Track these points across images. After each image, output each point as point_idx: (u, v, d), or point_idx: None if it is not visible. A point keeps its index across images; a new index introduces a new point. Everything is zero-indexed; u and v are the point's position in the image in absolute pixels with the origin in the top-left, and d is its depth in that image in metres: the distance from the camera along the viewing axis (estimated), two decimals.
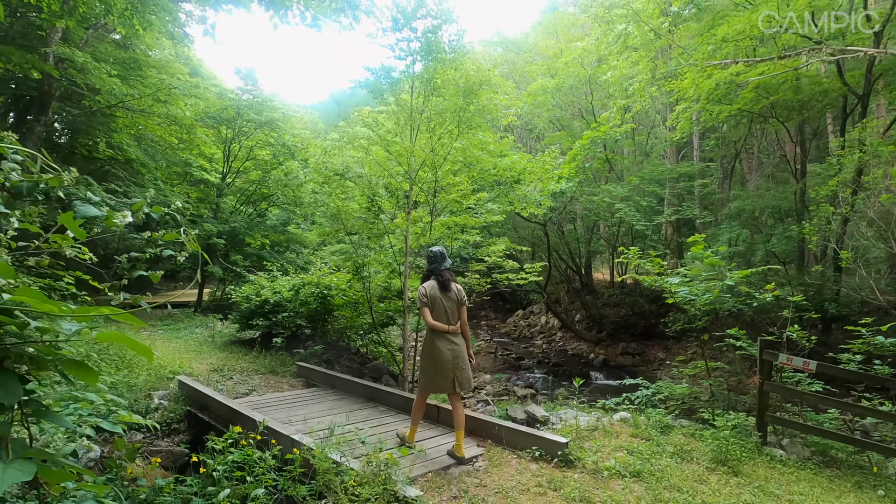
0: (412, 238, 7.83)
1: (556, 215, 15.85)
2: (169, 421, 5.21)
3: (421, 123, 7.58)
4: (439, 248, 4.42)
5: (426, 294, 4.17)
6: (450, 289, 4.23)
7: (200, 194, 18.25)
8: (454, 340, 4.19)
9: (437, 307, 4.16)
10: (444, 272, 4.26)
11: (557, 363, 16.22)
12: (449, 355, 4.12)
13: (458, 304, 4.27)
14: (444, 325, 4.16)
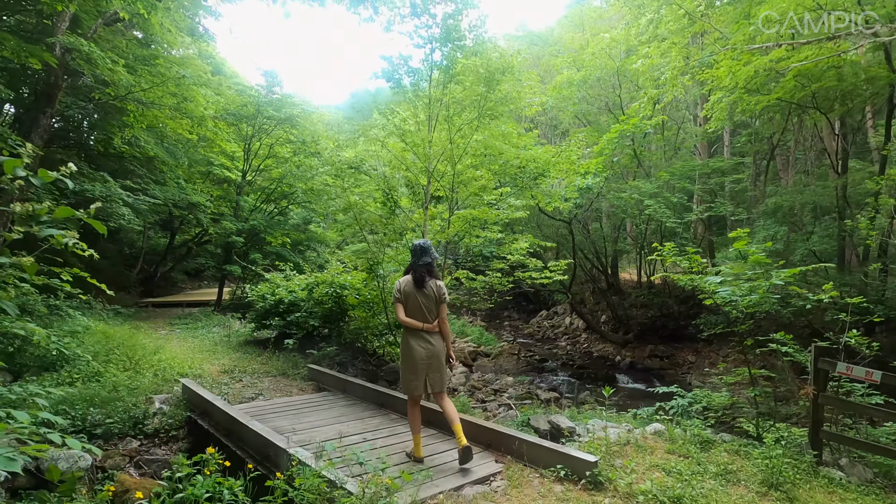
0: (430, 234, 7.45)
1: (581, 212, 15.27)
2: (168, 427, 4.94)
3: (440, 113, 7.18)
4: (421, 242, 4.18)
5: (400, 290, 4.02)
6: (424, 285, 4.00)
7: (221, 192, 18.24)
8: (430, 339, 3.99)
9: (410, 304, 3.99)
10: (421, 268, 4.03)
11: (582, 365, 15.65)
12: (423, 354, 3.95)
13: (437, 301, 4.04)
14: (417, 322, 3.97)
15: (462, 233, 6.88)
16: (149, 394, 5.67)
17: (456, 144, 7.02)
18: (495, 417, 10.64)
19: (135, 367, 7.07)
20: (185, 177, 17.78)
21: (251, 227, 15.99)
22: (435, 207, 7.52)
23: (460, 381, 13.70)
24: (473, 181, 6.68)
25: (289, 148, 16.82)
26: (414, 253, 4.14)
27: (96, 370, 6.51)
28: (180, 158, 15.56)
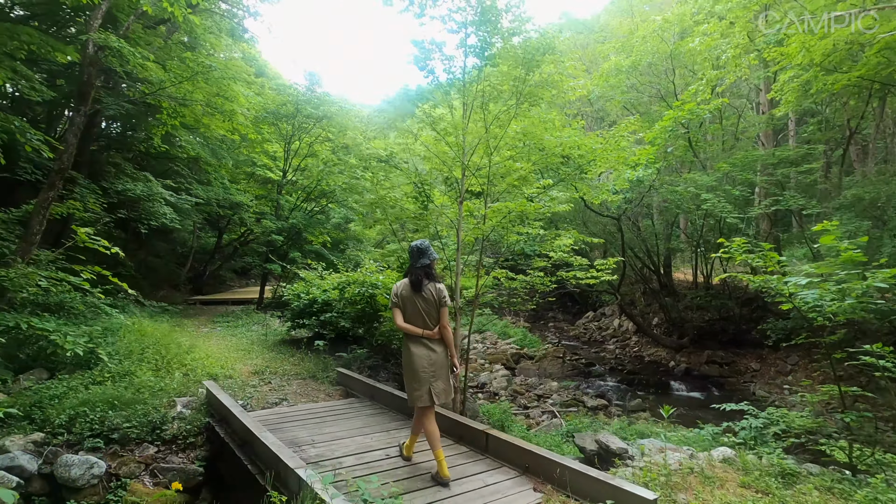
0: (466, 231, 6.96)
1: (631, 208, 14.34)
2: (186, 434, 4.67)
3: (475, 101, 6.67)
4: (419, 243, 3.88)
5: (397, 294, 3.80)
6: (422, 289, 3.75)
7: (264, 192, 18.42)
8: (431, 346, 3.77)
9: (408, 309, 3.77)
10: (418, 270, 3.77)
11: (632, 371, 14.74)
12: (425, 363, 3.73)
13: (437, 305, 3.79)
14: (417, 328, 3.74)
15: (499, 228, 6.35)
16: (173, 396, 5.46)
17: (492, 134, 6.49)
18: (538, 426, 10.03)
19: (166, 366, 6.95)
20: (230, 177, 18.06)
21: (291, 225, 16.00)
22: (472, 203, 7.01)
23: (502, 384, 13.14)
24: (511, 172, 6.13)
25: (328, 146, 16.75)
26: (411, 254, 3.87)
27: (127, 369, 6.42)
28: (224, 159, 15.75)
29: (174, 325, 11.74)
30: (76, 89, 6.95)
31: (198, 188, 14.52)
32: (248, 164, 18.10)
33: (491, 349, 17.30)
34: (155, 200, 11.13)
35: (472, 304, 7.14)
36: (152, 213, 11.03)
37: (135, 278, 17.15)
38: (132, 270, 15.49)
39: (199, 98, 7.69)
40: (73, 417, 4.56)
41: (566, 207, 6.86)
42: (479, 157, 6.88)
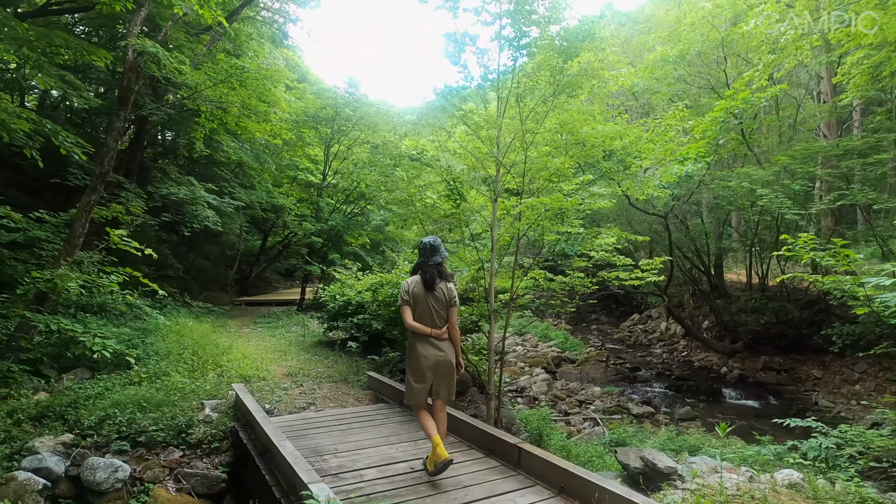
0: (501, 229, 6.66)
1: (679, 205, 13.59)
2: (211, 438, 4.60)
3: (510, 94, 6.36)
4: (431, 240, 3.87)
5: (408, 291, 3.74)
6: (435, 287, 3.72)
7: (304, 195, 18.70)
8: (439, 346, 3.73)
9: (419, 307, 3.71)
10: (431, 268, 3.74)
11: (681, 376, 13.97)
12: (431, 361, 3.69)
13: (447, 304, 3.77)
14: (426, 327, 3.68)
15: (536, 226, 6.00)
16: (203, 398, 5.43)
17: (528, 128, 6.16)
18: (579, 434, 9.57)
19: (201, 367, 7.00)
20: (273, 181, 18.39)
21: (330, 227, 16.13)
22: (508, 201, 6.69)
23: (542, 389, 12.70)
24: (548, 167, 5.78)
25: (366, 148, 16.81)
26: (423, 251, 3.84)
27: (163, 370, 6.48)
28: (266, 163, 16.03)
29: (217, 326, 11.98)
30: (117, 95, 7.10)
31: (241, 192, 14.86)
32: (292, 168, 18.43)
33: (531, 352, 16.85)
34: (198, 204, 11.39)
35: (507, 306, 6.83)
36: (195, 216, 11.29)
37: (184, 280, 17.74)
38: (180, 272, 16.01)
39: (234, 100, 7.74)
40: (103, 419, 4.57)
41: (608, 204, 6.44)
42: (515, 153, 6.56)
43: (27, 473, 3.79)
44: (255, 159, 15.67)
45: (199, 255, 20.08)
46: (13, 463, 3.89)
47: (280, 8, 16.94)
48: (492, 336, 6.42)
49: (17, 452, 4.00)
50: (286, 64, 21.99)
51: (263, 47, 16.19)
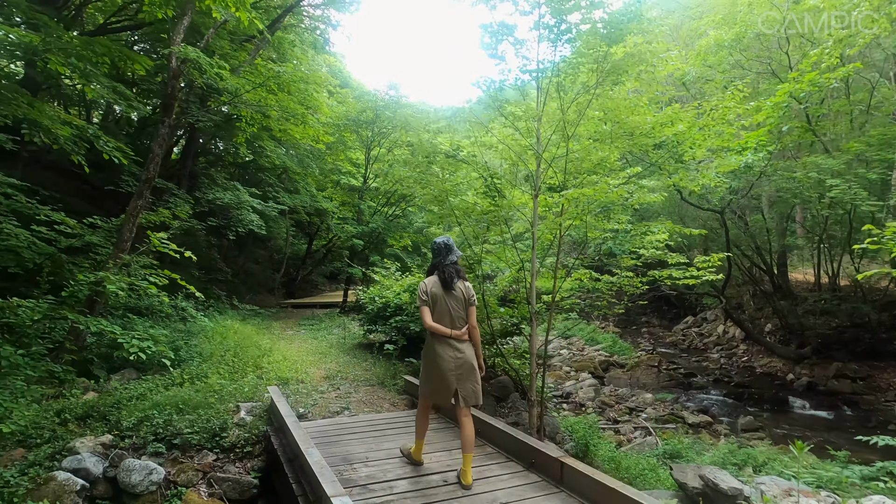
0: (543, 228, 6.33)
1: (737, 199, 12.73)
2: (244, 442, 4.53)
3: (550, 84, 6.04)
4: (445, 239, 3.82)
5: (426, 292, 3.63)
6: (453, 287, 3.65)
7: (346, 198, 18.89)
8: (459, 347, 3.63)
9: (438, 307, 3.61)
10: (449, 267, 3.67)
11: (741, 383, 13.08)
12: (451, 364, 3.58)
13: (466, 304, 3.69)
14: (446, 328, 3.59)
15: (578, 222, 5.64)
16: (240, 401, 5.40)
17: (569, 119, 5.82)
18: (629, 444, 9.05)
19: (241, 369, 7.04)
20: (317, 185, 18.66)
21: (371, 230, 16.18)
22: (549, 197, 6.36)
23: (588, 395, 12.17)
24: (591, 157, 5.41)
25: (406, 150, 16.76)
26: (438, 251, 3.77)
27: (204, 371, 6.55)
28: (309, 168, 16.27)
29: (262, 328, 12.20)
30: (161, 102, 7.26)
31: (284, 196, 15.12)
32: (335, 172, 18.66)
33: (577, 356, 16.28)
34: (243, 208, 11.64)
35: (550, 308, 6.49)
36: (240, 220, 11.53)
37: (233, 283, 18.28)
38: (229, 276, 16.50)
39: (273, 104, 7.81)
40: (141, 420, 4.59)
41: (657, 198, 5.99)
42: (556, 147, 6.22)
43: (66, 474, 3.82)
44: (298, 164, 15.93)
45: (249, 259, 20.68)
46: (54, 462, 3.94)
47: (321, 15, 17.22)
48: (533, 339, 6.10)
49: (58, 452, 4.05)
50: (329, 70, 22.40)
51: (306, 54, 16.47)
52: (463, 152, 6.07)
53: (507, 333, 6.83)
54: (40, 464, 3.92)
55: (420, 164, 6.00)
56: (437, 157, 6.01)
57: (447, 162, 5.98)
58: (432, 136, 5.99)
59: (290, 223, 18.76)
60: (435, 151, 5.94)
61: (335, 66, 24.11)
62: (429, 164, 5.92)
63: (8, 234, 6.59)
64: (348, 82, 24.94)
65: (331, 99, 20.23)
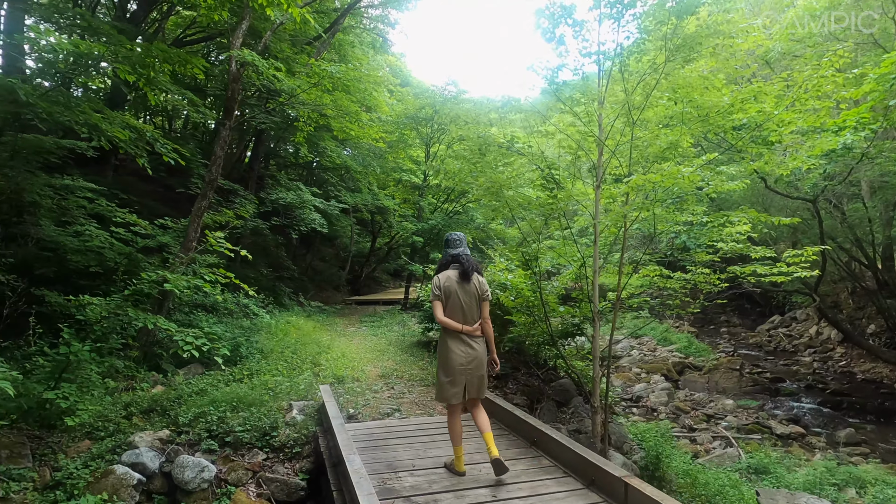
0: (606, 221, 5.87)
1: (833, 186, 11.40)
2: (293, 442, 4.48)
3: (613, 66, 5.55)
4: (457, 233, 3.89)
5: (440, 286, 3.59)
6: (471, 280, 3.62)
7: (407, 195, 18.97)
8: (471, 342, 3.62)
9: (451, 302, 3.58)
10: (465, 260, 3.64)
11: (839, 391, 11.76)
12: (463, 359, 3.58)
13: (479, 298, 3.67)
14: (458, 323, 3.57)
15: (645, 212, 5.13)
16: (293, 398, 5.40)
17: (635, 103, 5.31)
18: (707, 455, 8.31)
19: (299, 366, 7.11)
20: (379, 183, 18.87)
21: (431, 227, 16.10)
22: (614, 188, 5.89)
23: (661, 399, 11.40)
24: (657, 143, 4.89)
25: (464, 145, 16.53)
26: (452, 243, 3.78)
27: (262, 368, 6.66)
28: (370, 167, 16.43)
29: (325, 324, 12.44)
30: (223, 105, 7.47)
31: (346, 195, 15.37)
32: (396, 170, 18.79)
33: (648, 357, 15.38)
34: (305, 208, 11.91)
35: (615, 306, 6.00)
36: (302, 219, 11.80)
37: (301, 280, 18.87)
38: (295, 273, 17.06)
39: (328, 103, 7.85)
40: (198, 416, 4.66)
41: (738, 185, 5.35)
42: (620, 134, 5.73)
43: (124, 468, 3.92)
44: (359, 163, 16.14)
45: (316, 257, 21.33)
46: (115, 456, 4.07)
47: (380, 14, 17.36)
48: (596, 341, 5.66)
49: (119, 446, 4.18)
50: (390, 70, 22.65)
51: (367, 55, 16.65)
52: (518, 143, 5.72)
53: (567, 334, 6.42)
54: (102, 456, 4.05)
55: (472, 155, 5.74)
56: (490, 149, 5.72)
57: (500, 153, 5.67)
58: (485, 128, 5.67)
59: (353, 222, 19.13)
60: (487, 143, 5.64)
61: (395, 65, 24.35)
62: (481, 156, 5.64)
63: (90, 235, 7.06)
64: (408, 80, 25.09)
65: (391, 98, 20.42)
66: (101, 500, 3.60)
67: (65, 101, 4.51)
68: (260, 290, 13.40)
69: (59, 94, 4.54)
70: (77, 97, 5.02)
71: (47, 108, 4.29)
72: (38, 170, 6.66)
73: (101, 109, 5.27)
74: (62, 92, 4.82)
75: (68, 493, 3.64)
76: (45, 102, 4.28)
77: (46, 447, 4.12)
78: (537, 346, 7.12)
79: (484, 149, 5.66)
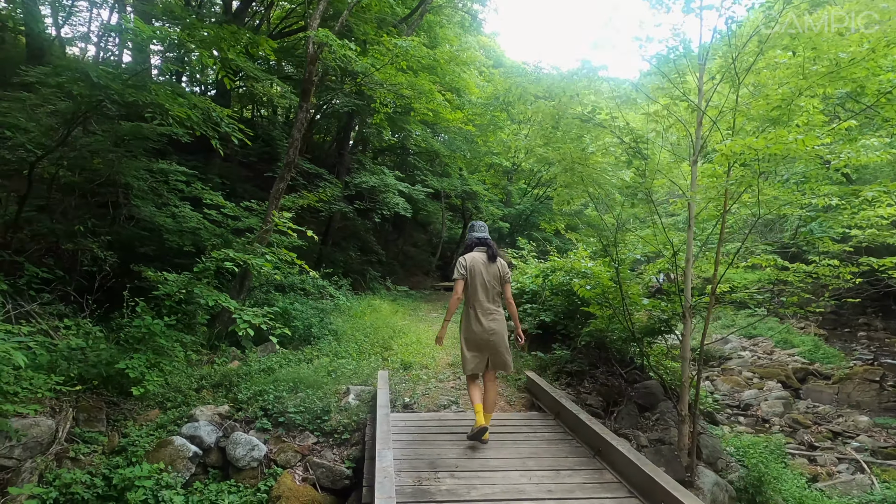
0: (706, 201, 5.05)
1: None
2: (343, 428, 4.35)
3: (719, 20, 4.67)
4: (482, 222, 4.31)
5: (465, 266, 3.88)
6: (496, 262, 3.96)
7: (496, 180, 18.48)
8: (491, 318, 3.87)
9: (476, 281, 3.87)
10: (489, 243, 4.03)
11: None
12: (483, 334, 3.86)
13: (501, 280, 3.97)
14: (452, 313, 3.99)
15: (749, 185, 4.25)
16: (353, 383, 5.31)
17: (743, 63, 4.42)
18: (830, 479, 7.05)
19: (369, 350, 7.07)
20: (468, 168, 18.58)
21: (518, 212, 15.52)
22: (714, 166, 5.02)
23: (775, 409, 9.98)
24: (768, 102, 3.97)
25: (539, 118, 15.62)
26: (476, 229, 4.17)
27: (332, 350, 6.70)
28: (459, 150, 16.15)
29: (409, 309, 12.48)
30: (300, 87, 7.57)
31: (433, 179, 15.26)
32: (488, 154, 18.38)
33: (763, 360, 13.60)
34: (389, 192, 11.95)
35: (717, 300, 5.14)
36: (385, 203, 11.86)
37: (391, 265, 19.26)
38: (384, 258, 17.41)
39: (403, 82, 7.65)
40: (256, 394, 4.71)
41: (880, 157, 4.25)
42: (724, 97, 4.85)
43: (182, 440, 4.03)
44: (447, 147, 15.92)
45: (408, 242, 21.68)
46: (177, 427, 4.21)
47: None
48: (686, 339, 4.88)
49: (182, 417, 4.33)
50: (483, 51, 22.19)
51: (457, 37, 16.34)
52: (600, 115, 5.06)
53: (653, 331, 5.65)
54: (165, 427, 4.22)
55: (545, 128, 5.20)
56: (564, 121, 5.12)
57: (574, 124, 5.05)
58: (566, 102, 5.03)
59: (444, 207, 19.08)
60: (562, 115, 5.05)
61: (488, 45, 23.80)
62: (554, 128, 5.07)
63: (185, 217, 7.56)
64: (501, 61, 24.42)
65: (481, 79, 19.95)
66: (156, 469, 3.72)
67: (137, 83, 4.71)
68: (348, 272, 13.82)
69: (135, 79, 4.77)
70: (155, 82, 5.23)
71: (120, 90, 4.52)
72: (142, 155, 7.24)
73: (182, 93, 5.49)
74: (138, 76, 5.05)
75: (128, 459, 3.81)
76: (119, 85, 4.52)
77: (120, 413, 4.38)
78: (621, 341, 6.42)
79: (557, 121, 5.08)
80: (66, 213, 6.11)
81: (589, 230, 5.90)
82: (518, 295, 8.23)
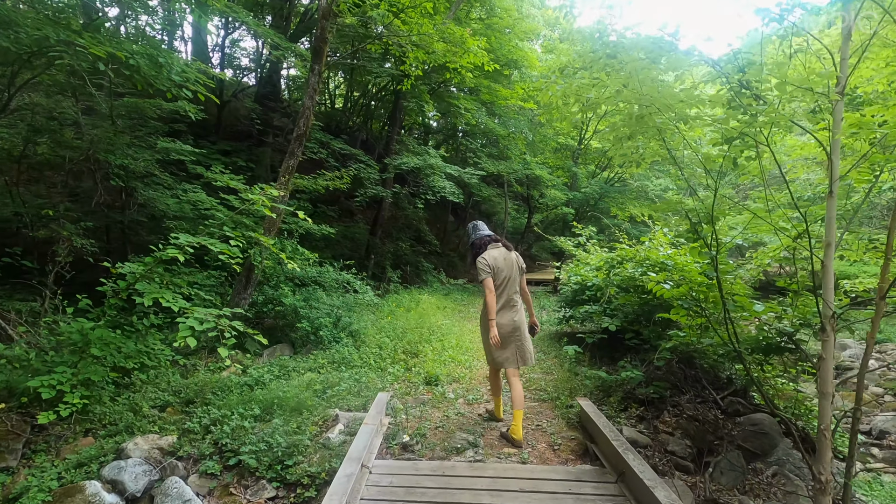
0: (853, 158, 3.32)
1: None
2: (309, 479, 3.10)
3: None
4: (480, 221, 4.30)
5: (490, 265, 3.78)
6: (511, 253, 3.96)
7: (561, 162, 16.66)
8: (515, 311, 3.82)
9: (501, 276, 3.80)
10: (498, 236, 4.00)
11: None
12: (508, 328, 3.77)
13: (520, 271, 3.95)
14: (494, 311, 3.70)
15: None
16: (351, 404, 4.10)
17: None
18: None
19: (392, 356, 5.86)
20: (531, 151, 16.89)
21: (584, 196, 13.69)
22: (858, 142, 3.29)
23: None
24: None
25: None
26: (479, 228, 4.16)
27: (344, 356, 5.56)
28: (518, 130, 14.51)
29: (459, 304, 11.22)
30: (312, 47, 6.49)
31: (486, 161, 13.79)
32: (554, 136, 16.60)
33: None
34: (434, 174, 10.70)
35: (881, 309, 3.39)
36: (430, 186, 10.61)
37: (449, 256, 18.04)
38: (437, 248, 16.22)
39: (431, 31, 6.33)
40: (215, 421, 3.62)
41: None
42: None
43: (97, 486, 3.01)
44: (503, 126, 14.36)
45: None
46: (98, 465, 3.20)
47: None
48: (828, 364, 3.19)
49: (111, 451, 3.32)
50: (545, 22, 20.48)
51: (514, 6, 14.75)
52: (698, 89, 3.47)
53: (770, 348, 3.93)
54: (88, 463, 3.21)
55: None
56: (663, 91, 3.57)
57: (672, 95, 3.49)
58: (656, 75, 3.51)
59: (505, 193, 17.58)
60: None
61: (551, 18, 22.00)
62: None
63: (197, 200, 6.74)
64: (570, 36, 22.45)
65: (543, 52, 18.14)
66: None
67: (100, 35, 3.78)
68: (398, 264, 12.75)
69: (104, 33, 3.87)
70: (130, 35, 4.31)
71: (88, 42, 3.60)
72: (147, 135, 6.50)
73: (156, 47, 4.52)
74: (107, 30, 4.17)
75: None
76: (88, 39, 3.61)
77: (44, 441, 3.44)
78: (717, 356, 4.73)
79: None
80: (40, 195, 5.41)
81: (665, 203, 4.29)
82: (579, 291, 6.70)
